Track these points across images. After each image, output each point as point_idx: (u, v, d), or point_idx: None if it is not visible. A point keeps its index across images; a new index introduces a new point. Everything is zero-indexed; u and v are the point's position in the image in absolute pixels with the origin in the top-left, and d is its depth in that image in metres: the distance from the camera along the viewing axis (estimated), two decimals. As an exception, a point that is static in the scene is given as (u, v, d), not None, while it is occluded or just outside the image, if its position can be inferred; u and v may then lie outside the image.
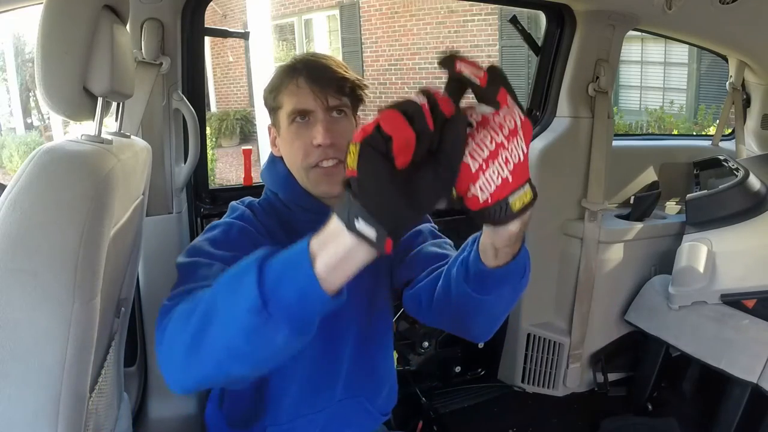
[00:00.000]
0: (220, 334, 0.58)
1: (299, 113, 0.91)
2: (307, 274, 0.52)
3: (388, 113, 0.49)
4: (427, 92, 0.51)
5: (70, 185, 0.62)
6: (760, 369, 1.49)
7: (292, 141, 0.93)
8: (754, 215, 1.68)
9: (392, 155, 0.48)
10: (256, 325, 0.54)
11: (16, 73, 7.82)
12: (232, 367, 0.60)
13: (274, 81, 0.96)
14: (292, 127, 0.93)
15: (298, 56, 0.96)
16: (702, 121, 6.05)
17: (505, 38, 6.64)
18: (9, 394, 0.58)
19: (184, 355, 0.62)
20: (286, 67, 0.95)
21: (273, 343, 0.56)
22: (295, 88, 0.91)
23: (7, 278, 0.58)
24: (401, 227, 0.50)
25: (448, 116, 0.51)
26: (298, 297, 0.53)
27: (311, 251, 0.52)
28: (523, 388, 1.98)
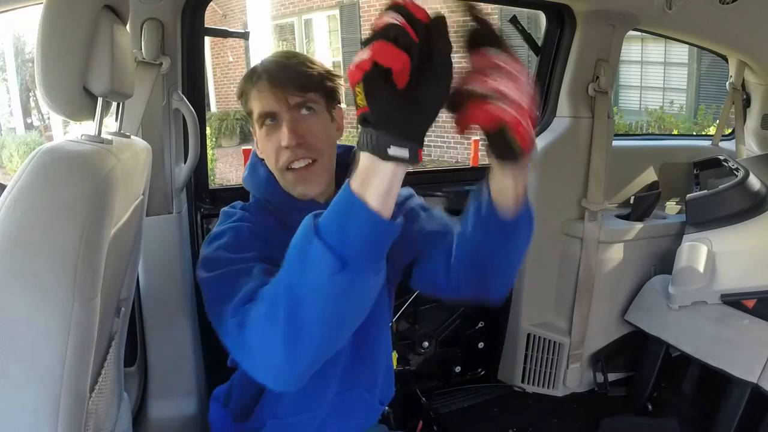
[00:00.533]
0: (315, 313, 0.60)
1: (266, 116, 0.92)
2: (367, 213, 0.56)
3: (379, 46, 0.52)
4: (398, 6, 0.53)
5: (70, 185, 0.62)
6: (760, 369, 1.49)
7: (264, 144, 0.94)
8: (754, 215, 1.68)
9: (393, 81, 0.52)
10: (345, 284, 0.57)
11: (16, 73, 7.82)
12: (339, 335, 0.64)
13: (240, 87, 0.97)
14: (263, 131, 0.93)
15: (263, 59, 0.96)
16: (702, 121, 6.06)
17: (505, 38, 6.63)
18: (9, 394, 0.58)
19: (286, 351, 0.63)
20: (249, 72, 0.95)
21: (365, 291, 0.60)
22: (257, 92, 0.92)
23: (7, 278, 0.58)
24: (424, 134, 0.55)
25: (426, 21, 0.54)
26: (369, 238, 0.57)
27: (357, 194, 0.56)
28: (523, 388, 1.98)
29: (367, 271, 0.58)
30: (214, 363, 1.42)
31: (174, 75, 1.32)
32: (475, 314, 1.92)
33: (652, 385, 1.84)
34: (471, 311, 1.91)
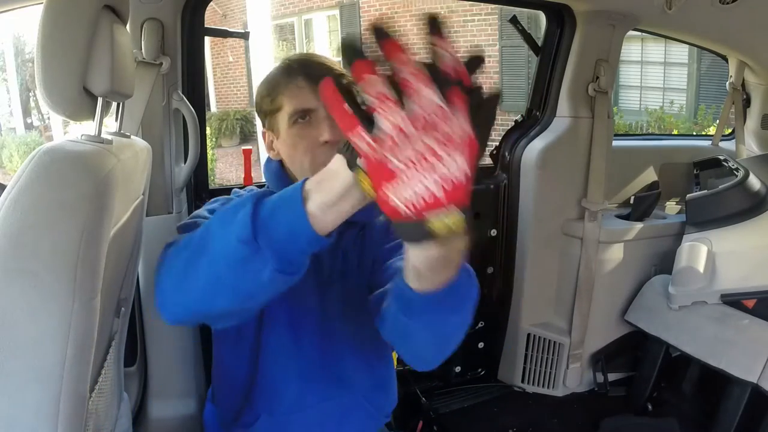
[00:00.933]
0: (210, 263, 0.61)
1: (301, 113, 0.90)
2: (298, 211, 0.55)
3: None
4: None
5: (70, 185, 0.62)
6: (760, 369, 1.49)
7: (295, 143, 0.91)
8: (754, 215, 1.68)
9: None
10: (245, 255, 0.57)
11: (16, 73, 7.82)
12: (216, 298, 0.63)
13: (270, 83, 0.94)
14: (294, 129, 0.90)
15: (292, 57, 0.95)
16: (702, 121, 6.05)
17: (505, 38, 6.64)
18: (9, 393, 0.58)
19: (175, 281, 0.66)
20: (282, 69, 0.93)
21: (258, 277, 0.58)
22: (296, 88, 0.90)
23: (7, 278, 0.58)
24: None
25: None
26: (287, 232, 0.56)
27: (305, 190, 0.55)
28: (523, 388, 1.98)
29: (270, 261, 0.57)
30: (214, 363, 1.42)
31: (174, 75, 1.32)
32: (475, 314, 1.90)
33: (652, 385, 1.84)
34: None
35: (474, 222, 1.84)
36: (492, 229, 1.88)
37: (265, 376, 0.97)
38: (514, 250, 1.91)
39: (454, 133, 0.46)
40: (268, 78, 0.95)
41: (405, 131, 0.45)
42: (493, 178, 1.89)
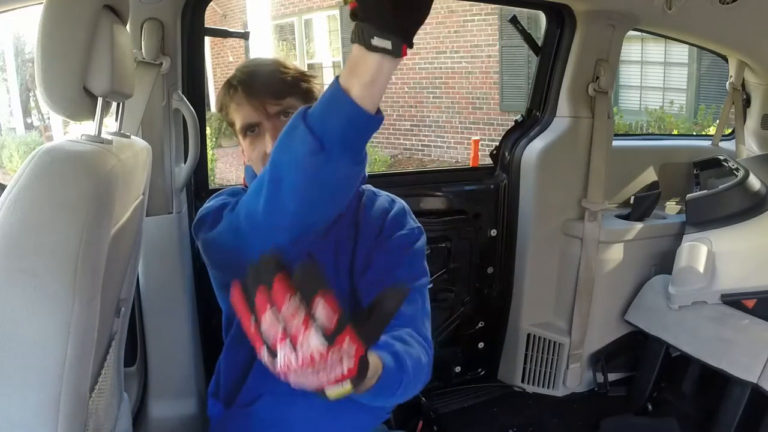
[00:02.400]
0: (292, 185, 0.66)
1: (248, 127, 0.94)
2: (348, 102, 0.61)
3: None
4: None
5: (70, 185, 0.62)
6: (760, 369, 1.49)
7: (249, 154, 0.96)
8: (754, 215, 1.68)
9: None
10: (320, 164, 0.63)
11: (16, 73, 7.82)
12: (311, 212, 0.69)
13: (218, 101, 0.98)
14: (247, 141, 0.95)
15: (236, 70, 0.97)
16: (702, 121, 6.05)
17: (505, 38, 6.63)
18: (9, 393, 0.58)
19: (264, 216, 0.71)
20: (225, 85, 0.97)
21: (338, 176, 0.65)
22: (235, 105, 0.94)
23: (7, 278, 0.58)
24: (409, 30, 0.60)
25: None
26: (347, 124, 0.62)
27: (342, 84, 0.61)
28: (523, 388, 1.98)
29: (342, 158, 0.63)
30: (214, 363, 1.42)
31: (174, 75, 1.32)
32: (475, 314, 1.92)
33: (652, 385, 1.84)
34: (471, 311, 1.91)
35: (474, 222, 1.85)
36: (492, 229, 1.88)
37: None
38: (514, 250, 1.91)
39: (335, 364, 0.55)
40: (217, 95, 0.99)
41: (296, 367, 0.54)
42: (493, 178, 1.89)
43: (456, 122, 7.35)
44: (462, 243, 1.84)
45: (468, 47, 7.00)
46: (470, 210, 1.84)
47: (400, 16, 0.58)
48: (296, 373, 0.55)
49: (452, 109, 7.35)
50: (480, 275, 1.91)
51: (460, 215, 1.83)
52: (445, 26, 7.13)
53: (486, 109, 7.10)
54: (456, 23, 7.06)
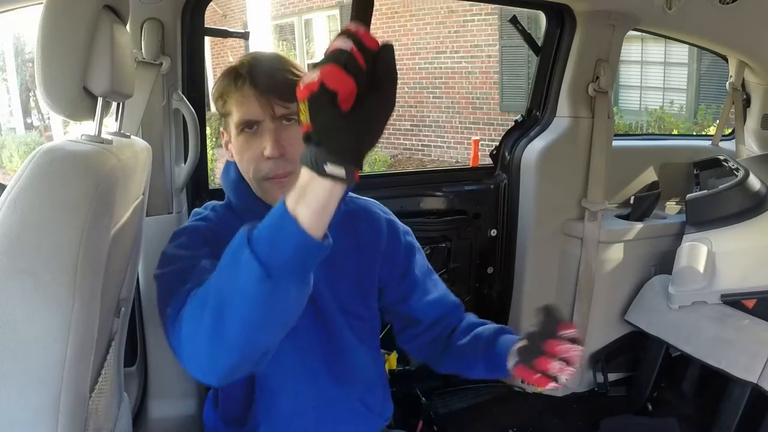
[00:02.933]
0: (238, 314, 0.62)
1: (247, 123, 0.89)
2: (296, 229, 0.58)
3: (329, 69, 0.54)
4: (350, 33, 0.57)
5: (70, 185, 0.62)
6: (760, 369, 1.49)
7: (242, 152, 0.91)
8: (754, 215, 1.68)
9: (338, 104, 0.54)
10: (267, 291, 0.59)
11: (16, 73, 7.82)
12: (258, 339, 0.65)
13: (219, 87, 0.92)
14: (241, 138, 0.90)
15: (244, 58, 0.92)
16: (702, 121, 6.05)
17: (505, 38, 6.63)
18: (9, 393, 0.58)
19: (209, 346, 0.65)
20: (231, 72, 0.91)
21: (286, 302, 0.62)
22: (241, 97, 0.88)
23: (7, 278, 0.58)
24: (363, 156, 0.57)
25: (375, 49, 0.57)
26: (294, 253, 0.59)
27: (290, 210, 0.58)
28: (523, 388, 1.98)
29: (290, 284, 0.60)
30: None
31: (174, 75, 1.32)
32: (475, 314, 1.92)
33: (652, 385, 1.84)
34: (471, 311, 1.90)
35: (474, 222, 1.85)
36: (492, 229, 1.88)
37: (260, 383, 0.98)
38: (514, 250, 1.91)
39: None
40: (218, 81, 0.93)
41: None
42: (493, 178, 1.89)
43: (456, 122, 7.35)
44: (462, 243, 1.84)
45: (468, 47, 7.00)
46: (470, 210, 1.84)
47: (357, 141, 0.55)
48: None
49: (452, 109, 7.35)
50: (480, 275, 1.91)
51: (460, 215, 1.83)
52: (445, 26, 7.14)
53: (486, 109, 7.10)
54: (456, 23, 7.06)
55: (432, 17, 7.24)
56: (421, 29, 7.36)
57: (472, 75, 7.09)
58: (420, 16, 7.34)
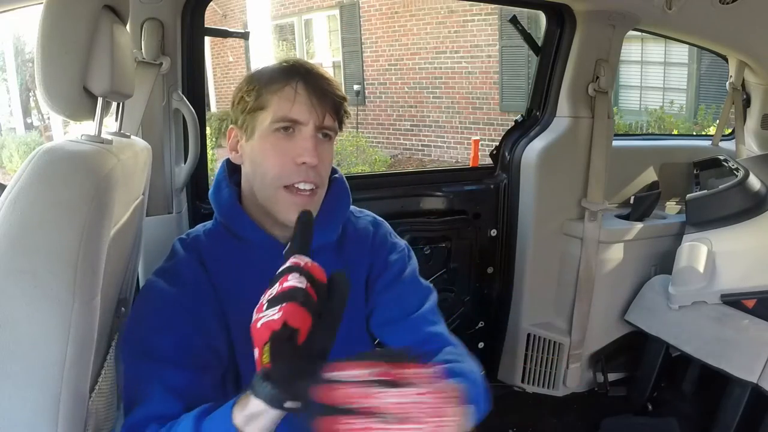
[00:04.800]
0: None
1: (288, 122, 0.82)
2: None
3: (291, 308, 0.58)
4: (300, 268, 0.61)
5: (70, 185, 0.62)
6: (760, 369, 1.49)
7: (267, 152, 0.83)
8: (754, 215, 1.68)
9: (296, 340, 0.58)
10: None
11: (16, 73, 7.82)
12: None
13: (262, 77, 0.84)
14: (273, 137, 0.82)
15: (292, 58, 0.91)
16: (702, 121, 6.05)
17: (505, 38, 6.63)
18: (9, 393, 0.58)
19: None
20: (283, 67, 0.84)
21: None
22: (292, 92, 0.81)
23: (7, 278, 0.58)
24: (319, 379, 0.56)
25: (324, 281, 0.63)
26: None
27: (239, 427, 0.62)
28: (523, 388, 1.98)
29: None
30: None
31: (174, 75, 1.32)
32: (475, 314, 1.92)
33: (652, 385, 1.84)
34: (471, 311, 1.91)
35: (474, 222, 1.85)
36: (492, 229, 1.88)
37: None
38: (514, 250, 1.91)
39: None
40: (261, 71, 0.86)
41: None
42: (493, 178, 1.89)
43: (456, 122, 7.35)
44: (462, 243, 1.84)
45: (468, 47, 7.00)
46: (470, 210, 1.84)
47: (312, 376, 0.55)
48: None
49: (452, 109, 7.34)
50: (480, 275, 1.91)
51: (460, 215, 1.83)
52: (445, 26, 7.13)
53: (486, 109, 7.10)
54: (456, 23, 7.05)
55: (432, 17, 7.24)
56: (421, 29, 7.35)
57: (472, 75, 7.09)
58: (420, 16, 7.34)
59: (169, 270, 0.86)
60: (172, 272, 0.86)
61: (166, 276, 0.85)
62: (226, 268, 0.88)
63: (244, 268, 0.87)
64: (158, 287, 0.84)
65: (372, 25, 7.72)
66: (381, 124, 7.92)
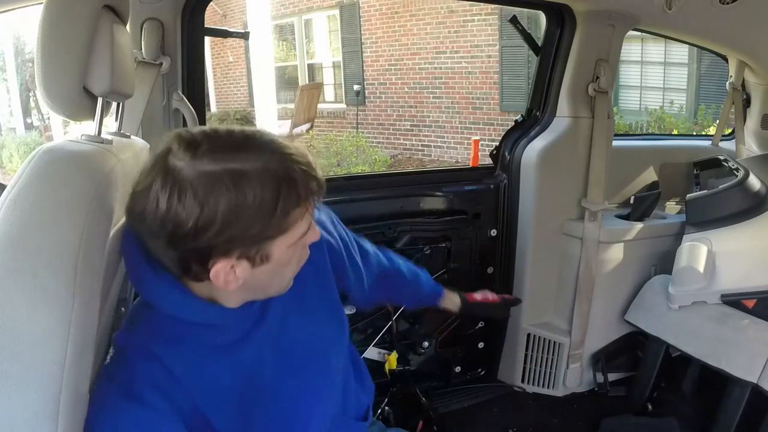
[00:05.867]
0: None
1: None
2: None
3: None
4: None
5: (70, 185, 0.62)
6: (760, 369, 1.49)
7: (289, 259, 0.72)
8: (754, 215, 1.68)
9: None
10: None
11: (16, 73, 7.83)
12: None
13: (285, 193, 0.65)
14: (290, 251, 0.71)
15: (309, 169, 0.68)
16: (702, 121, 6.04)
17: (505, 38, 6.63)
18: (9, 393, 0.58)
19: None
20: (311, 177, 0.67)
21: None
22: (311, 211, 0.71)
23: (7, 278, 0.58)
24: None
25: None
26: None
27: None
28: (523, 388, 1.98)
29: None
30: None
31: (174, 75, 1.32)
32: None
33: (652, 385, 1.84)
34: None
35: (474, 222, 1.85)
36: (492, 229, 1.88)
37: None
38: (514, 250, 1.91)
39: None
40: (272, 192, 0.64)
41: None
42: (493, 178, 1.89)
43: (456, 122, 7.35)
44: (462, 243, 1.84)
45: (468, 47, 7.00)
46: (470, 210, 1.84)
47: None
48: None
49: (452, 109, 7.34)
50: (480, 275, 1.91)
51: (460, 215, 1.83)
52: (445, 26, 7.13)
53: (486, 109, 7.10)
54: (456, 23, 7.05)
55: (432, 17, 7.24)
56: (421, 29, 7.35)
57: (472, 75, 7.09)
58: (420, 16, 7.34)
59: (122, 383, 0.69)
60: (127, 386, 0.69)
61: (121, 389, 0.69)
62: (185, 354, 0.74)
63: (204, 351, 0.75)
64: (114, 409, 0.67)
65: (372, 25, 7.72)
66: (381, 124, 7.91)
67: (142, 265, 0.72)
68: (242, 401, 0.79)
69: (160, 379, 0.71)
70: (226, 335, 0.77)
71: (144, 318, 0.75)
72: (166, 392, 0.70)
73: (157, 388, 0.70)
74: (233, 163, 0.63)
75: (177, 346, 0.73)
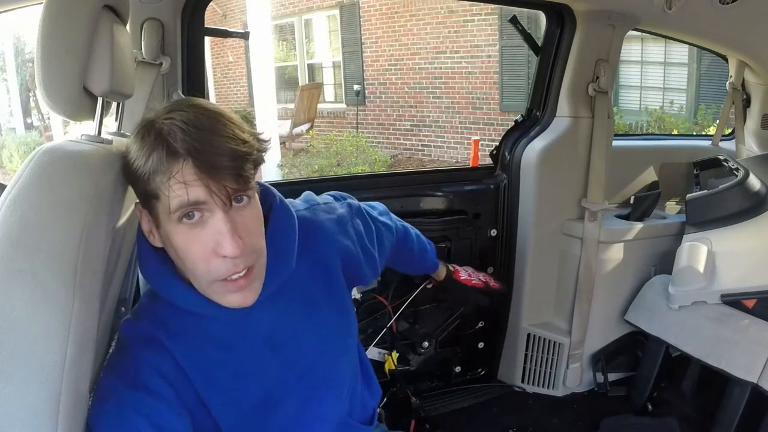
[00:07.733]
0: None
1: (188, 208, 0.67)
2: None
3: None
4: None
5: (70, 185, 0.62)
6: (760, 369, 1.49)
7: (183, 246, 0.69)
8: (754, 215, 1.68)
9: None
10: None
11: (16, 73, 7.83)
12: None
13: (140, 161, 0.67)
14: (182, 228, 0.68)
15: (167, 121, 0.67)
16: (702, 121, 6.04)
17: (505, 38, 6.63)
18: (9, 393, 0.58)
19: None
20: (157, 143, 0.66)
21: None
22: (181, 176, 0.65)
23: (7, 278, 0.58)
24: None
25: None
26: None
27: None
28: (523, 388, 1.98)
29: None
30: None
31: (174, 75, 1.32)
32: (475, 314, 1.92)
33: (652, 385, 1.84)
34: (471, 311, 1.91)
35: (474, 222, 1.85)
36: (492, 229, 1.88)
37: None
38: (514, 250, 1.91)
39: None
40: (137, 150, 0.68)
41: None
42: (493, 178, 1.89)
43: (456, 122, 7.35)
44: (462, 243, 1.84)
45: (468, 47, 7.00)
46: (470, 210, 1.84)
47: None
48: None
49: (452, 109, 7.35)
50: (480, 275, 1.91)
51: (460, 215, 1.83)
52: (445, 26, 7.13)
53: (486, 109, 7.10)
54: (456, 23, 7.05)
55: (432, 17, 7.24)
56: (421, 29, 7.35)
57: (472, 75, 7.09)
58: (420, 16, 7.34)
59: (127, 372, 0.71)
60: (132, 375, 0.71)
61: (126, 378, 0.70)
62: (189, 347, 0.76)
63: (206, 346, 0.77)
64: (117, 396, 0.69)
65: (372, 25, 7.72)
66: (381, 124, 7.91)
67: (150, 255, 0.76)
68: (245, 402, 0.80)
69: (166, 368, 0.73)
70: (225, 330, 0.78)
71: (151, 309, 0.79)
72: (172, 381, 0.72)
73: (164, 377, 0.72)
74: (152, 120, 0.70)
75: (182, 338, 0.76)
